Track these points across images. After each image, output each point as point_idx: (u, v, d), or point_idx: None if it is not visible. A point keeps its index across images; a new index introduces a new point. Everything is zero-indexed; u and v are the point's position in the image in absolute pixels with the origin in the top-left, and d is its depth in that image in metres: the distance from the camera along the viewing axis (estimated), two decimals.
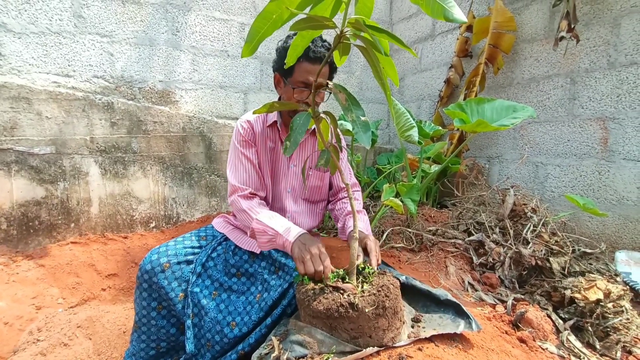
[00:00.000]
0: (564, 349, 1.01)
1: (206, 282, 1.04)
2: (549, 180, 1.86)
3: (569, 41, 1.64)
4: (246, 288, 1.06)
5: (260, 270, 1.07)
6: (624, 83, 1.58)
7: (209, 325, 0.98)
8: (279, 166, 1.18)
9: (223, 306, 1.02)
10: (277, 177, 1.18)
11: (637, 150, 1.54)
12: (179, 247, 1.07)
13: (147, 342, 1.06)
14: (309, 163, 1.20)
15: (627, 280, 1.27)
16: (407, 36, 2.76)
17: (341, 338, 0.79)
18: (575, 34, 1.59)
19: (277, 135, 1.17)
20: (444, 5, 0.75)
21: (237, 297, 1.04)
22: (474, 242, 1.46)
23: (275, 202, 1.19)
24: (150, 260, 1.02)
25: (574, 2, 1.57)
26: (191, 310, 0.99)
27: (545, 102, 1.87)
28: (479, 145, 2.20)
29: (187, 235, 1.14)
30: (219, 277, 1.05)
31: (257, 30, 0.78)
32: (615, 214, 1.60)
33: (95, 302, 1.56)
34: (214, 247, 1.10)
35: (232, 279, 1.07)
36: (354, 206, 0.91)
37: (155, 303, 1.04)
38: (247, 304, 1.03)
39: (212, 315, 0.98)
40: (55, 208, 1.74)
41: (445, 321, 0.91)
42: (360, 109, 0.79)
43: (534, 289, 1.25)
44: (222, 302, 1.02)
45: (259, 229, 1.00)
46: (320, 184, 1.24)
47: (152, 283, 1.01)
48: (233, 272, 1.08)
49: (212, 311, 0.99)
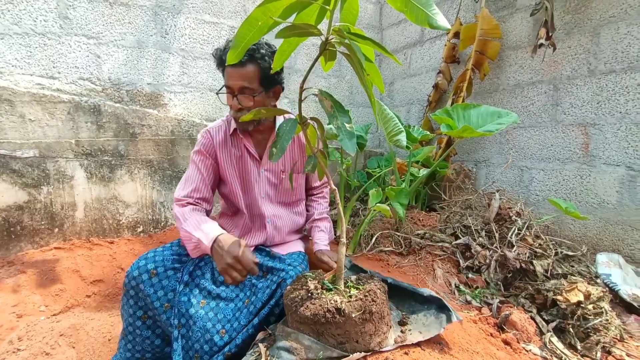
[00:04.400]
0: (547, 350, 1.04)
1: (194, 291, 1.02)
2: (533, 184, 1.90)
3: (547, 48, 1.69)
4: (235, 295, 1.06)
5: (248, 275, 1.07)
6: (603, 90, 1.63)
7: (197, 335, 0.96)
8: (249, 173, 1.16)
9: (212, 314, 1.00)
10: (249, 184, 1.17)
11: (617, 155, 1.59)
12: (166, 253, 1.06)
13: (132, 351, 1.04)
14: (282, 167, 1.19)
15: (607, 282, 1.30)
16: (396, 41, 2.80)
17: (328, 343, 0.79)
18: (552, 41, 1.64)
19: (242, 143, 1.15)
20: (428, 12, 0.77)
21: (225, 304, 1.03)
22: (461, 245, 1.48)
23: (252, 209, 1.19)
24: (137, 267, 1.00)
25: (552, 11, 1.62)
26: (178, 321, 0.98)
27: (530, 108, 1.92)
28: (466, 150, 2.24)
29: (175, 242, 1.13)
30: (207, 286, 1.03)
31: (242, 36, 0.79)
32: (596, 217, 1.65)
33: (80, 309, 1.52)
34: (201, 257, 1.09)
35: (221, 287, 1.05)
36: (341, 211, 0.92)
37: (141, 312, 1.02)
38: (236, 310, 1.02)
39: (201, 324, 0.96)
40: (39, 213, 1.70)
41: (430, 319, 0.93)
42: (346, 116, 0.80)
43: (519, 291, 1.28)
44: (211, 310, 1.01)
45: (185, 237, 1.01)
46: (295, 185, 1.23)
47: (138, 290, 1.00)
48: (221, 279, 1.07)
49: (200, 320, 0.97)
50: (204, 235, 0.97)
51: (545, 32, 1.62)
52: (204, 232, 0.98)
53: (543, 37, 1.62)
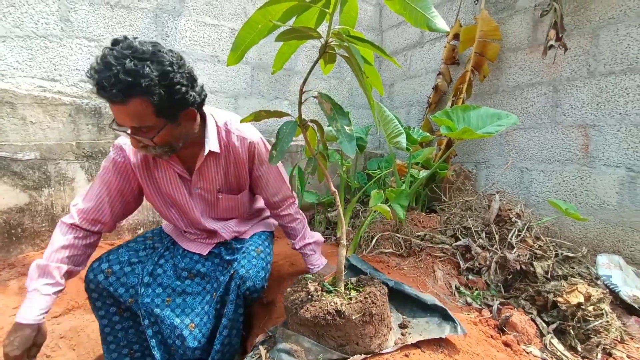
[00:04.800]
0: (547, 352, 1.03)
1: (157, 290, 1.02)
2: (533, 185, 1.90)
3: (557, 50, 1.69)
4: (201, 288, 1.06)
5: (212, 268, 1.07)
6: (603, 92, 1.64)
7: (167, 333, 0.98)
8: (179, 194, 1.03)
9: (179, 310, 1.01)
10: (183, 205, 1.05)
11: (617, 157, 1.59)
12: (121, 251, 1.05)
13: (117, 350, 1.03)
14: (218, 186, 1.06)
15: (607, 283, 1.30)
16: (396, 43, 2.80)
17: (328, 346, 0.79)
18: (563, 42, 1.64)
19: (166, 162, 1.00)
20: (427, 15, 0.77)
21: (192, 298, 1.04)
22: (461, 247, 1.48)
23: (196, 226, 1.11)
24: (91, 269, 1.00)
25: (561, 13, 1.63)
26: (148, 320, 0.99)
27: (530, 109, 1.92)
28: (466, 151, 2.24)
29: (134, 239, 1.12)
30: (170, 283, 1.04)
31: (242, 39, 0.79)
32: (597, 218, 1.65)
33: (80, 311, 1.52)
34: (160, 254, 1.08)
35: (185, 282, 1.06)
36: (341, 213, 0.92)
37: (115, 308, 1.02)
38: (204, 303, 1.03)
39: (168, 322, 0.98)
40: (39, 215, 1.70)
41: (432, 326, 0.93)
42: (346, 118, 0.80)
43: (519, 293, 1.27)
44: (178, 306, 1.02)
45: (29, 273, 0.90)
46: (236, 204, 1.13)
47: (100, 290, 1.00)
48: (185, 275, 1.07)
49: (167, 318, 0.98)
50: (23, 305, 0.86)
51: (555, 33, 1.62)
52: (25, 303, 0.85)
53: (553, 39, 1.62)
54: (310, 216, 2.29)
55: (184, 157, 1.02)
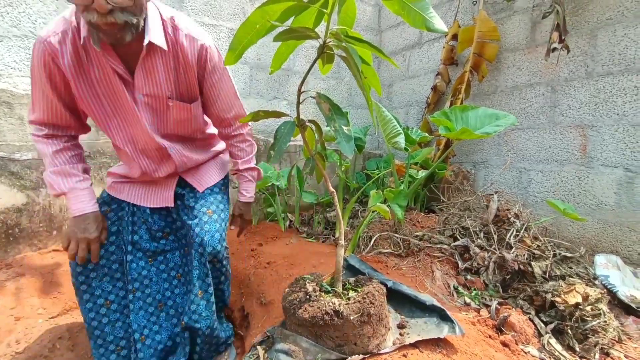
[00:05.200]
0: (545, 352, 1.04)
1: (138, 254, 1.05)
2: (531, 185, 1.90)
3: (560, 52, 1.70)
4: (177, 243, 1.09)
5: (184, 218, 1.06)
6: (601, 92, 1.64)
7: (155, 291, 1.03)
8: (121, 99, 0.90)
9: (163, 266, 1.06)
10: (126, 113, 0.92)
11: (614, 157, 1.60)
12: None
13: (105, 345, 1.03)
14: (168, 91, 0.92)
15: (605, 283, 1.30)
16: (395, 43, 2.81)
17: (326, 346, 0.79)
18: (566, 44, 1.64)
19: (101, 59, 0.85)
20: (425, 15, 0.78)
21: (172, 254, 1.08)
22: (460, 247, 1.48)
23: (138, 143, 0.97)
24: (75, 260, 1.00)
25: (563, 15, 1.63)
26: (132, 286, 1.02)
27: (528, 110, 1.92)
28: (465, 151, 2.25)
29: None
30: (148, 247, 1.05)
31: (240, 38, 0.79)
32: (595, 218, 1.65)
33: (78, 311, 1.51)
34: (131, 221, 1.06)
35: (161, 241, 1.07)
36: (339, 213, 0.92)
37: (102, 300, 1.02)
38: (184, 256, 1.06)
39: (156, 279, 1.03)
40: (37, 215, 1.69)
41: (430, 326, 0.93)
42: (344, 119, 0.80)
43: (517, 293, 1.28)
44: (160, 263, 1.06)
45: (50, 183, 0.94)
46: (189, 116, 1.00)
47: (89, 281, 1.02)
48: (159, 235, 1.08)
49: (154, 276, 1.03)
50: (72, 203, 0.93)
51: (558, 35, 1.62)
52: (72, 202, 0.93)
53: (556, 41, 1.62)
54: (309, 216, 2.29)
55: (123, 55, 0.86)
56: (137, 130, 0.95)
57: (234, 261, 1.72)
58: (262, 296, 1.32)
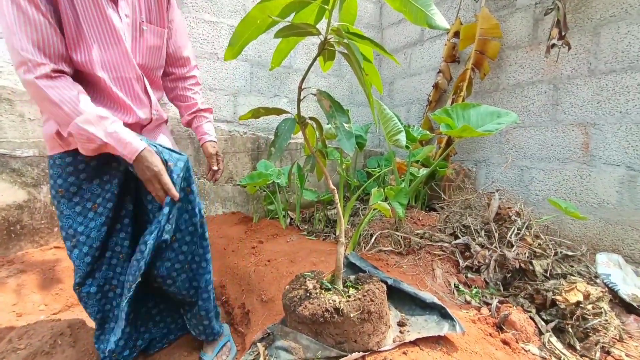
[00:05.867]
0: (546, 350, 1.04)
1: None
2: (533, 183, 1.90)
3: (560, 48, 1.68)
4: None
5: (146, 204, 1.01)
6: (603, 90, 1.63)
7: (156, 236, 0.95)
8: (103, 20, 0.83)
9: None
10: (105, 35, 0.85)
11: (617, 155, 1.59)
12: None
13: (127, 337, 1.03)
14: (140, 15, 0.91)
15: (606, 282, 1.30)
16: (396, 41, 2.79)
17: (326, 343, 0.79)
18: (566, 41, 1.63)
19: None
20: (427, 12, 0.77)
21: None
22: (460, 245, 1.48)
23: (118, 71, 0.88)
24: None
25: (564, 11, 1.62)
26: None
27: (530, 108, 1.91)
28: (466, 149, 2.24)
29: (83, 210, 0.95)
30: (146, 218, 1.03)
31: (240, 34, 0.79)
32: (596, 217, 1.64)
33: (80, 308, 1.52)
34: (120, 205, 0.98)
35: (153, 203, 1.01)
36: (340, 211, 0.92)
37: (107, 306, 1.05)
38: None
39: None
40: (38, 212, 1.70)
41: (430, 324, 0.93)
42: (345, 116, 0.80)
43: (518, 291, 1.27)
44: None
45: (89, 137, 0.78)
46: (160, 44, 0.98)
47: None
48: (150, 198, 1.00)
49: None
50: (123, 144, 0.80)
51: (558, 32, 1.61)
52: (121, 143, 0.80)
53: (556, 37, 1.61)
54: (309, 214, 2.29)
55: None
56: (117, 53, 0.87)
57: (235, 258, 1.72)
58: (263, 293, 1.33)
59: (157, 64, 1.01)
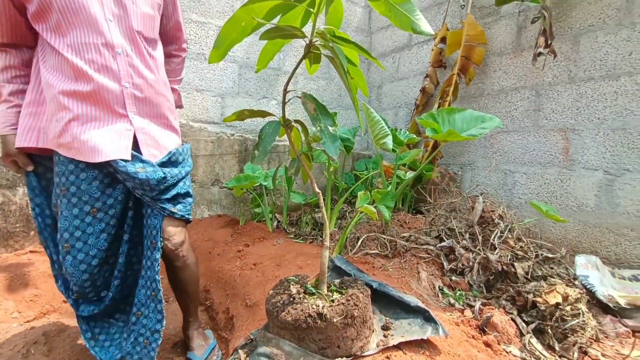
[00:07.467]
0: (527, 351, 1.05)
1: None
2: (516, 187, 1.94)
3: (546, 56, 1.73)
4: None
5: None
6: (583, 97, 1.68)
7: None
8: None
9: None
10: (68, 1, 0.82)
11: (595, 160, 1.64)
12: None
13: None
14: None
15: (585, 283, 1.34)
16: (385, 45, 2.82)
17: (309, 349, 0.79)
18: (552, 49, 1.68)
19: None
20: (412, 17, 0.78)
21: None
22: (445, 248, 1.49)
23: (91, 36, 0.84)
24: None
25: (550, 20, 1.66)
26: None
27: (513, 113, 1.96)
28: (452, 153, 2.27)
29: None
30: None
31: (225, 36, 0.78)
32: (576, 220, 1.69)
33: (55, 315, 1.47)
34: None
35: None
36: (325, 215, 0.91)
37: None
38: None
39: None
40: (13, 215, 1.63)
41: (414, 328, 0.93)
42: (330, 119, 0.79)
43: (500, 293, 1.30)
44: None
45: None
46: (153, 13, 0.95)
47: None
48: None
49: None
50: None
51: (545, 40, 1.66)
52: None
53: (542, 46, 1.66)
54: (297, 217, 2.28)
55: None
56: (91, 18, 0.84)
57: (220, 262, 1.70)
58: (248, 298, 1.31)
59: (152, 35, 0.96)
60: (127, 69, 0.89)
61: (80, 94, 0.84)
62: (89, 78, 0.84)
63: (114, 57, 0.87)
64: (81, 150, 0.84)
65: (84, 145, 0.84)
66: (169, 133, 1.01)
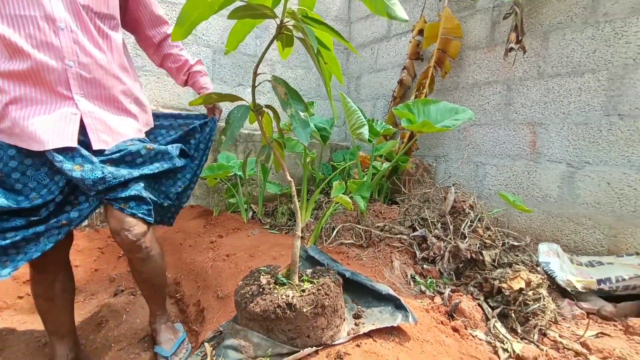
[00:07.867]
0: (491, 335, 1.10)
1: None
2: (487, 178, 2.01)
3: (517, 52, 1.77)
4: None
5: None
6: (550, 92, 1.75)
7: None
8: None
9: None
10: None
11: (559, 153, 1.72)
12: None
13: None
14: None
15: (546, 269, 1.41)
16: (364, 35, 2.80)
17: (278, 340, 0.77)
18: (522, 45, 1.72)
19: None
20: (387, 2, 0.75)
21: None
22: (418, 237, 1.52)
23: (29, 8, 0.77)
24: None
25: (521, 16, 1.70)
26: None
27: (486, 106, 2.01)
28: (427, 145, 2.31)
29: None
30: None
31: (189, 11, 0.72)
32: (540, 210, 1.78)
33: (9, 312, 1.37)
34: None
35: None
36: (297, 204, 0.89)
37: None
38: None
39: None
40: None
41: (385, 315, 0.94)
42: (301, 104, 0.77)
43: (469, 280, 1.34)
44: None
45: None
46: None
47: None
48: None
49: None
50: None
51: (516, 36, 1.69)
52: None
53: (513, 42, 1.69)
54: (273, 207, 2.24)
55: None
56: None
57: (192, 254, 1.64)
58: (219, 289, 1.27)
59: (106, 10, 0.88)
60: (72, 45, 0.81)
61: (17, 73, 0.76)
62: (26, 55, 0.76)
63: (55, 32, 0.79)
64: (22, 137, 0.76)
65: (24, 131, 0.76)
66: (124, 118, 0.92)
